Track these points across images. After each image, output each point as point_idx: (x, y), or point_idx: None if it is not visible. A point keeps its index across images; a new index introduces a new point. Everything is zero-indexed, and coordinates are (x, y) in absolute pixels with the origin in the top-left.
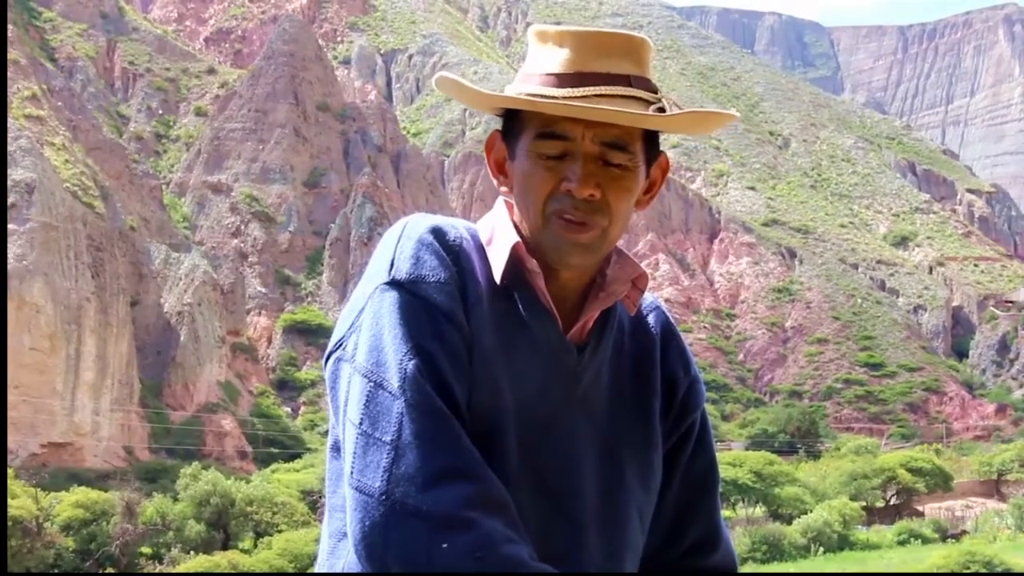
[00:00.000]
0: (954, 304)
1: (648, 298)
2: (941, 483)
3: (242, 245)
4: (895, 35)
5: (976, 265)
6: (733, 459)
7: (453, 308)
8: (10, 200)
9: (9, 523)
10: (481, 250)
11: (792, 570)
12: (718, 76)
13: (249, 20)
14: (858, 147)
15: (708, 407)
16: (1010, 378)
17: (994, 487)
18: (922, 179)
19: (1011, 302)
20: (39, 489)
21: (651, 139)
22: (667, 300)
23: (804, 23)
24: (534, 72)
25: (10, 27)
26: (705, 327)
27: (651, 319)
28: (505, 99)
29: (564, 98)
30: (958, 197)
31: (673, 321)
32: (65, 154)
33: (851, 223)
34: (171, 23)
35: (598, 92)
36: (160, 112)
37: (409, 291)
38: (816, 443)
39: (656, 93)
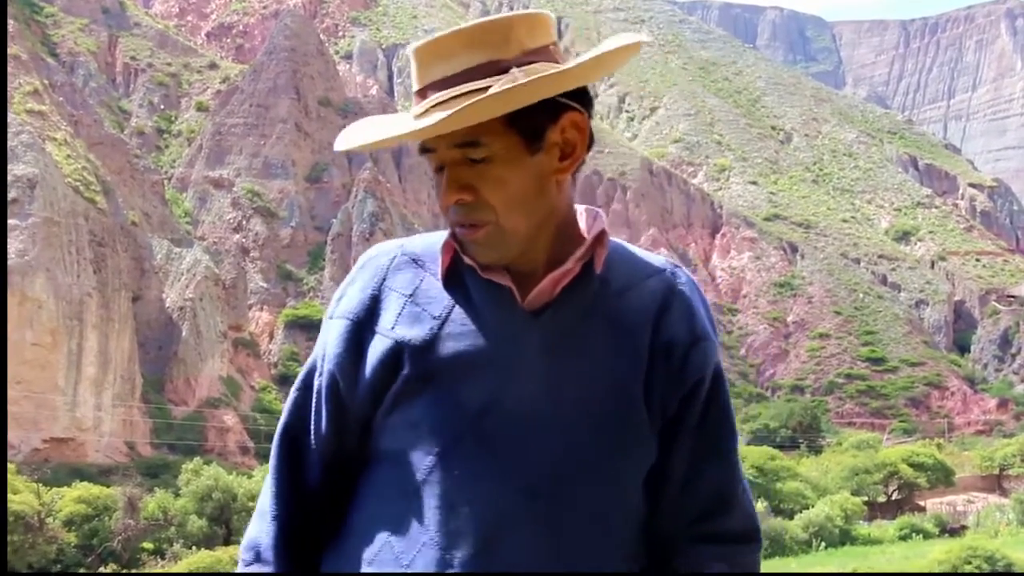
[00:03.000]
0: (956, 299)
1: (659, 261)
2: (943, 478)
3: (244, 240)
4: (897, 29)
5: (978, 260)
6: None
7: (355, 330)
8: (12, 195)
9: (11, 518)
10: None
11: (794, 565)
12: (720, 71)
13: (250, 15)
14: (860, 141)
15: None
16: (1012, 372)
17: (996, 482)
18: (924, 173)
19: (1013, 296)
20: (41, 484)
21: (527, 113)
22: None
23: (806, 17)
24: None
25: (11, 22)
26: None
27: (652, 282)
28: (374, 144)
29: (415, 117)
30: (960, 192)
31: (685, 285)
32: (67, 149)
33: (853, 218)
34: (172, 18)
35: (434, 103)
36: (162, 107)
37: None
38: (818, 438)
39: (521, 66)
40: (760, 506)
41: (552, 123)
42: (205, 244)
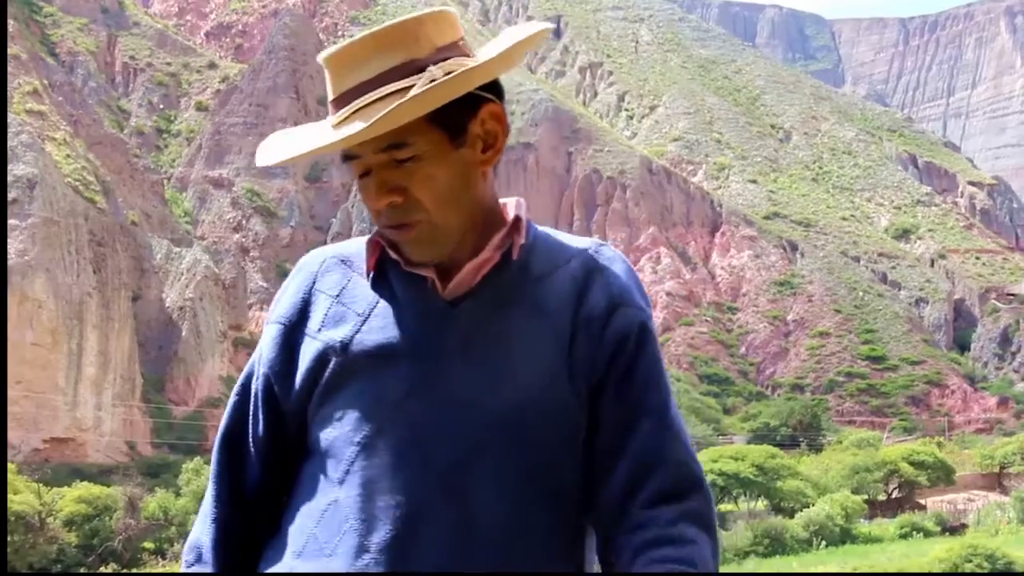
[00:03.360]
0: (956, 297)
1: (583, 243)
2: (943, 476)
3: (243, 240)
4: (896, 27)
5: (978, 258)
6: (735, 453)
7: (284, 335)
8: (11, 195)
9: (11, 518)
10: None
11: (794, 564)
12: (719, 69)
13: (250, 15)
14: (859, 140)
15: (710, 400)
16: (1012, 371)
17: (996, 480)
18: (923, 171)
19: (1013, 295)
20: (41, 484)
21: (448, 109)
22: (668, 294)
23: (805, 15)
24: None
25: (11, 22)
26: (707, 320)
27: (573, 264)
28: (300, 157)
29: (332, 127)
30: (960, 189)
31: (607, 259)
32: (66, 149)
33: (852, 216)
34: (172, 18)
35: (354, 109)
36: (161, 107)
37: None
38: (818, 436)
39: (435, 64)
40: (760, 505)
41: (472, 116)
42: (205, 244)
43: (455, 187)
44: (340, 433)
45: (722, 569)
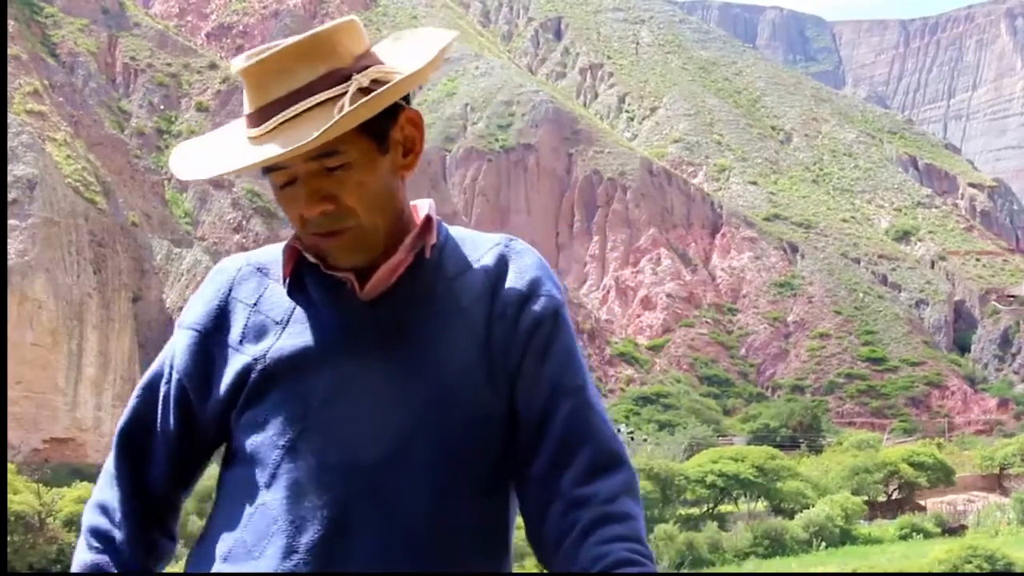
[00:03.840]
0: (956, 298)
1: (493, 239)
2: (943, 477)
3: (244, 240)
4: (897, 29)
5: (978, 259)
6: (735, 454)
7: (197, 338)
8: (12, 196)
9: (11, 518)
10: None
11: (794, 565)
12: (719, 71)
13: (250, 15)
14: (860, 141)
15: (710, 401)
16: (1012, 372)
17: (996, 481)
18: (924, 173)
19: (1013, 296)
20: (41, 484)
21: (378, 123)
22: (668, 295)
23: (805, 17)
24: (244, 115)
25: (11, 23)
26: (707, 322)
27: (485, 260)
28: (210, 174)
29: (252, 139)
30: (960, 191)
31: (518, 253)
32: (67, 150)
33: (853, 217)
34: (172, 18)
35: (281, 120)
36: (162, 107)
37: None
38: (818, 438)
39: (358, 72)
40: (760, 506)
41: (393, 123)
42: (205, 244)
43: (383, 193)
44: (265, 438)
45: (722, 570)
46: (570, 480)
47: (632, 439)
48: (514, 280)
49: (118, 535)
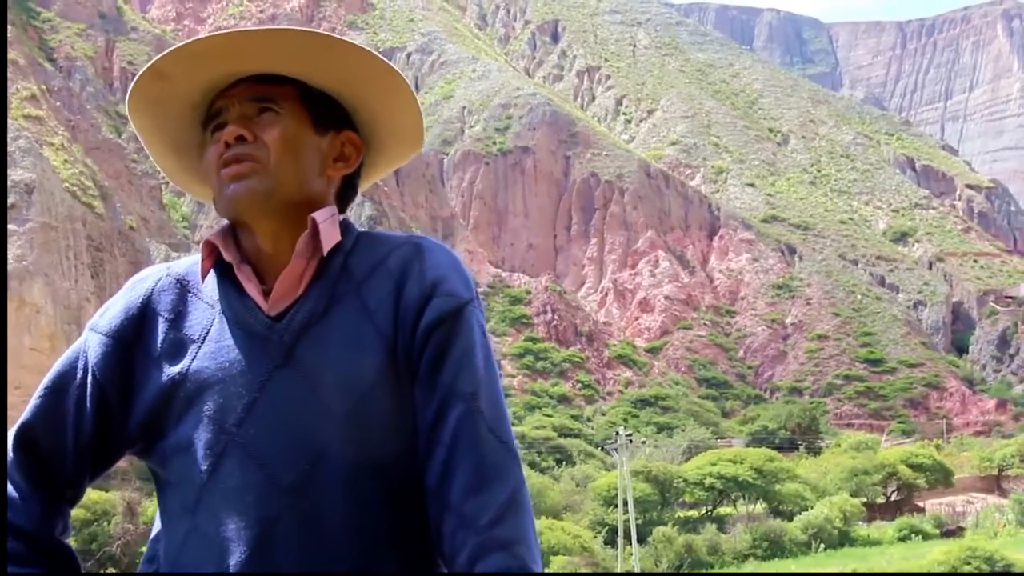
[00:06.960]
0: (954, 300)
1: (402, 238)
2: (942, 479)
3: None
4: (894, 31)
5: (976, 260)
6: (734, 456)
7: (106, 341)
8: (10, 200)
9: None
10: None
11: (793, 567)
12: (717, 73)
13: (247, 19)
14: (857, 143)
15: (708, 403)
16: (1010, 373)
17: (995, 482)
18: (921, 175)
19: (1011, 297)
20: None
21: (321, 110)
22: (666, 297)
23: (802, 19)
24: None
25: (9, 27)
26: (705, 324)
27: (391, 260)
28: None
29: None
30: (957, 192)
31: (425, 251)
32: (64, 154)
33: (850, 219)
34: (169, 22)
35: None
36: None
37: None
38: (816, 439)
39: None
40: (759, 507)
41: (336, 131)
42: None
43: (300, 149)
44: (188, 461)
45: (721, 572)
46: (458, 492)
47: (631, 441)
48: (416, 281)
49: (27, 540)
